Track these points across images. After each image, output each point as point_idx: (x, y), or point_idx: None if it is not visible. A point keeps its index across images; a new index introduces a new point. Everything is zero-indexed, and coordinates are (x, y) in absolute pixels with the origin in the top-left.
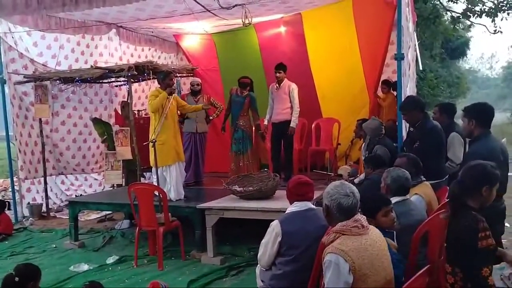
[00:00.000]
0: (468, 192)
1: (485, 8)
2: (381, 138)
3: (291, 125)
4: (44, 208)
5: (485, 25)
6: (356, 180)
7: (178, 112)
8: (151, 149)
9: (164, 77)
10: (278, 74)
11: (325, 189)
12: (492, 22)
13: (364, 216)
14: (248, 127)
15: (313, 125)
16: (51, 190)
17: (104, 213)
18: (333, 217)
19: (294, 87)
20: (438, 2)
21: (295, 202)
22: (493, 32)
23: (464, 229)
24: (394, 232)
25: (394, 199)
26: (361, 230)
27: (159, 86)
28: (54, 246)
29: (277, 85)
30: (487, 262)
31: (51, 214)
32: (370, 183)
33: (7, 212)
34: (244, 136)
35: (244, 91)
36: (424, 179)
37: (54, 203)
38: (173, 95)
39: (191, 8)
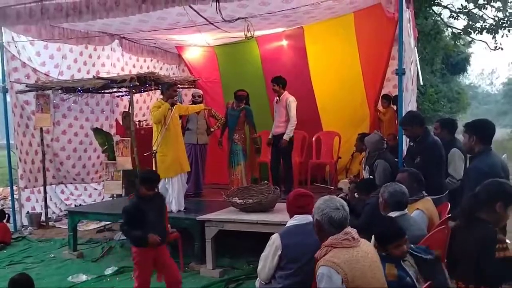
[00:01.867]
0: (481, 206)
1: (485, 25)
2: (381, 153)
3: (284, 137)
4: (43, 218)
5: (485, 42)
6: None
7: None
8: (153, 160)
9: (167, 88)
10: (273, 88)
11: (315, 204)
12: (492, 38)
13: (354, 229)
14: (243, 141)
15: (313, 138)
16: (51, 200)
17: (103, 223)
18: (324, 231)
19: (291, 100)
20: (439, 18)
21: (295, 215)
22: (493, 48)
23: (479, 240)
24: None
25: (393, 214)
26: (352, 243)
27: (161, 97)
28: (53, 256)
29: (277, 98)
30: (506, 277)
31: (50, 223)
32: (372, 209)
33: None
34: (238, 149)
35: (240, 104)
36: (426, 194)
37: (53, 213)
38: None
39: (193, 21)
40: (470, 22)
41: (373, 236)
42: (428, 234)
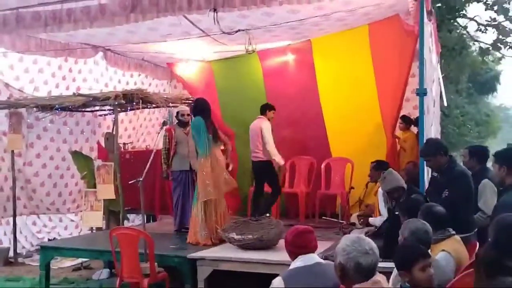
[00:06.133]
0: (506, 254)
1: None
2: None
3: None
4: (11, 253)
5: None
6: (371, 220)
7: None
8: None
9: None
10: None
11: (339, 244)
12: None
13: (384, 276)
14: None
15: (322, 166)
16: (21, 232)
17: (80, 260)
18: (348, 277)
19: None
20: (464, 32)
21: (299, 256)
22: None
23: None
24: None
25: None
26: None
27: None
28: None
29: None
30: None
31: (20, 260)
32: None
33: None
34: None
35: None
36: (454, 232)
37: (23, 247)
38: None
39: (188, 32)
40: (500, 36)
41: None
42: (453, 279)
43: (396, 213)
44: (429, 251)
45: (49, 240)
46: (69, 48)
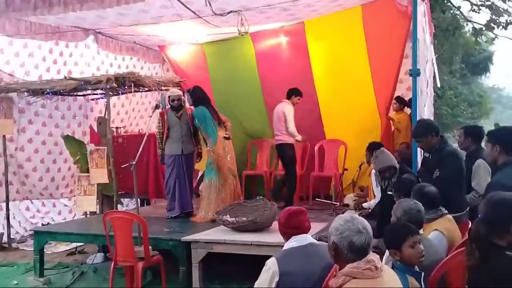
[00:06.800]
0: (495, 231)
1: (511, 19)
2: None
3: None
4: (5, 238)
5: (511, 38)
6: (365, 204)
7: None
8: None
9: None
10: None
11: (332, 223)
12: None
13: (377, 256)
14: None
15: (316, 148)
16: (14, 218)
17: (74, 244)
18: (342, 256)
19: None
20: (458, 12)
21: (292, 237)
22: None
23: (503, 275)
24: (422, 273)
25: None
26: (375, 273)
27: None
28: (16, 282)
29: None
30: None
31: (13, 245)
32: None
33: None
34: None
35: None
36: (446, 211)
37: (17, 233)
38: None
39: (180, 14)
40: (494, 16)
41: (384, 255)
42: (445, 258)
43: (389, 192)
44: (421, 230)
45: (42, 225)
46: (59, 31)
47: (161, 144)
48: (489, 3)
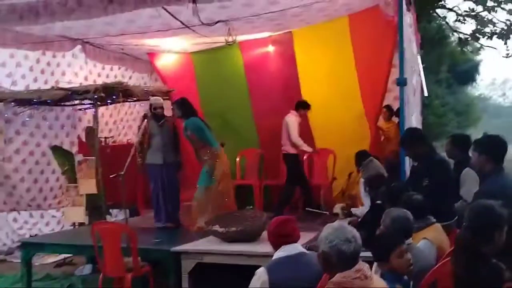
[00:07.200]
0: (480, 239)
1: (496, 30)
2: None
3: None
4: None
5: (496, 48)
6: (354, 210)
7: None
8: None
9: None
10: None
11: (321, 232)
12: (504, 44)
13: (366, 264)
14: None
15: (304, 157)
16: (1, 229)
17: (62, 256)
18: (331, 265)
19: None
20: (444, 22)
21: (282, 246)
22: (505, 55)
23: (486, 282)
24: (411, 283)
25: None
26: (364, 282)
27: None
28: None
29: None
30: None
31: (0, 257)
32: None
33: None
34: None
35: (182, 120)
36: (434, 220)
37: (4, 244)
38: None
39: (167, 24)
40: (479, 27)
41: (374, 265)
42: (434, 267)
43: (378, 202)
44: (410, 239)
45: (30, 236)
46: (46, 41)
47: (140, 152)
48: (474, 13)
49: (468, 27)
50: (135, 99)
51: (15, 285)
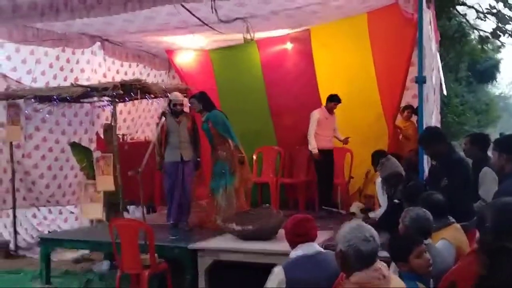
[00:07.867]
0: (503, 236)
1: None
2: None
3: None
4: (12, 246)
5: None
6: (372, 214)
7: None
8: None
9: None
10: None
11: (339, 231)
12: None
13: (384, 264)
14: (229, 155)
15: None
16: (21, 225)
17: (80, 252)
18: (349, 264)
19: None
20: (464, 20)
21: (299, 245)
22: None
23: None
24: (431, 280)
25: None
26: (383, 282)
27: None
28: None
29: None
30: None
31: (20, 252)
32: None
33: None
34: (223, 168)
35: (201, 114)
36: (453, 220)
37: (24, 240)
38: None
39: (186, 21)
40: (500, 24)
41: (392, 264)
42: (452, 267)
43: (395, 201)
44: (429, 239)
45: (49, 232)
46: (66, 38)
47: (158, 150)
48: (495, 11)
49: (489, 24)
50: (152, 96)
51: (34, 280)
